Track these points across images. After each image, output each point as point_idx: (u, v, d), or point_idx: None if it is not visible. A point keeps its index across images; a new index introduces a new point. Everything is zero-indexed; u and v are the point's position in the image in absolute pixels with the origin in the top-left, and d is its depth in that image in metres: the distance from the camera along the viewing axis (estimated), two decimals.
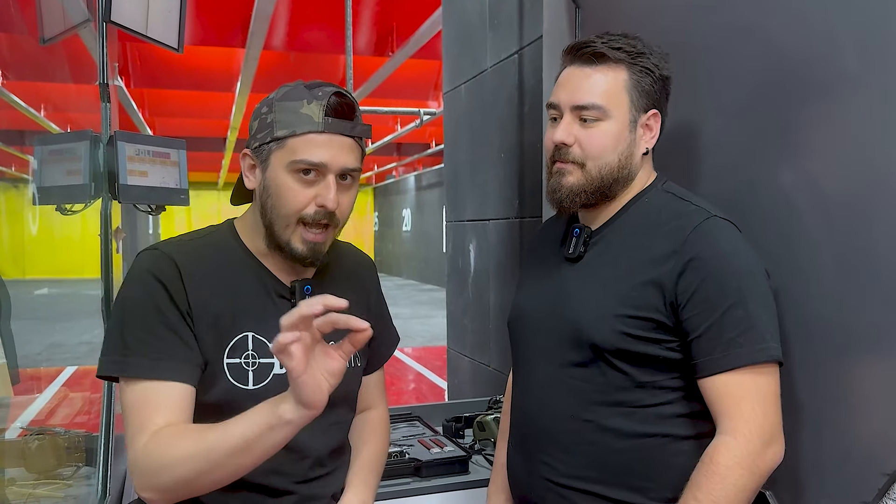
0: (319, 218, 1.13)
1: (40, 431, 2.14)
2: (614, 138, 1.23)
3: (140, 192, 1.85)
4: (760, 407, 1.11)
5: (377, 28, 6.55)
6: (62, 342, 9.40)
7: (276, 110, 1.13)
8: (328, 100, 1.12)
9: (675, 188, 1.29)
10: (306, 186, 1.12)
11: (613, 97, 1.22)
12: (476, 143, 2.97)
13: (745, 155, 1.37)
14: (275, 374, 1.15)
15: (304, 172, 1.12)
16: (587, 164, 1.23)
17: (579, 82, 1.24)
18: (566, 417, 1.24)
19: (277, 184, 1.13)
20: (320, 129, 1.11)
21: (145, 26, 1.93)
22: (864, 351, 1.14)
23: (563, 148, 1.24)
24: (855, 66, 1.14)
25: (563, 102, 1.25)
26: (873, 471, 1.11)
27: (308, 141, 1.11)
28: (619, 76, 1.23)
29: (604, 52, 1.22)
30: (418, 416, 2.19)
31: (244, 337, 1.14)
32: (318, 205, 1.12)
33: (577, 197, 1.25)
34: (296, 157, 1.11)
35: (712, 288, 1.14)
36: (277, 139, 1.12)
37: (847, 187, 1.16)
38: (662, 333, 1.18)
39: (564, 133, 1.24)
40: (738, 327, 1.12)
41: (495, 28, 2.77)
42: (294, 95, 1.13)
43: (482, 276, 2.92)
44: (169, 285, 1.10)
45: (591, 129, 1.23)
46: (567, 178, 1.25)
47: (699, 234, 1.17)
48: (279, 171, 1.12)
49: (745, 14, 1.36)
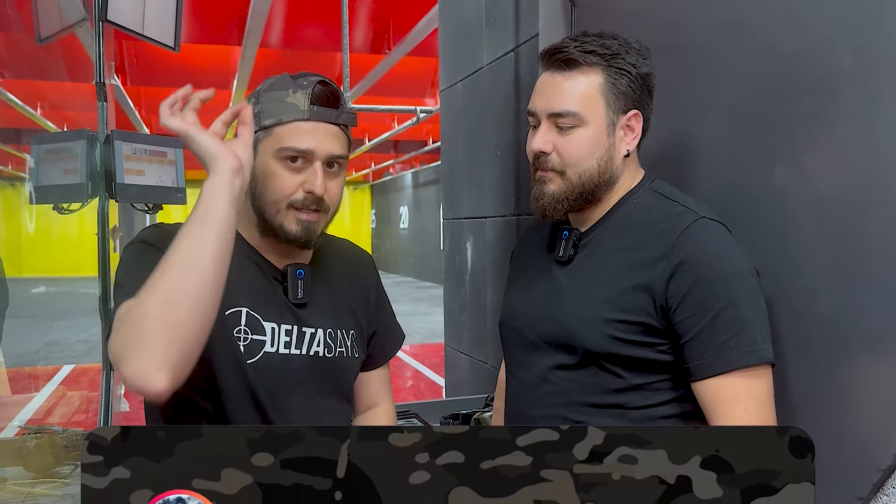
0: (308, 203, 1.15)
1: (38, 430, 2.15)
2: (592, 144, 1.22)
3: (137, 191, 1.85)
4: (754, 409, 1.11)
5: (373, 25, 6.55)
6: (59, 340, 9.39)
7: (263, 100, 1.16)
8: (313, 88, 1.14)
9: (663, 187, 1.28)
10: (294, 173, 1.14)
11: (588, 102, 1.21)
12: (473, 141, 2.97)
13: (740, 153, 1.38)
14: (265, 352, 1.16)
15: (291, 160, 1.14)
16: (567, 171, 1.22)
17: (554, 89, 1.23)
18: (556, 419, 1.23)
19: (266, 171, 1.15)
20: (306, 117, 1.14)
21: (142, 25, 1.93)
22: (858, 349, 1.15)
23: (542, 156, 1.23)
24: (849, 64, 1.15)
25: (539, 110, 1.24)
26: (868, 467, 1.12)
27: (294, 129, 1.14)
28: (594, 80, 1.21)
29: (574, 58, 1.21)
30: (416, 414, 2.19)
31: (238, 311, 1.15)
32: (307, 191, 1.14)
33: (559, 204, 1.24)
34: (283, 145, 1.13)
35: (703, 291, 1.13)
36: (264, 128, 1.15)
37: (841, 185, 1.17)
38: (653, 337, 1.17)
39: (542, 141, 1.23)
40: (730, 330, 1.12)
41: (491, 26, 2.77)
42: (280, 86, 1.16)
43: (479, 274, 2.93)
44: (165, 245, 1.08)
45: (567, 136, 1.21)
46: (548, 186, 1.24)
47: (688, 237, 1.16)
48: (267, 159, 1.15)
49: (740, 11, 1.37)
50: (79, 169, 1.80)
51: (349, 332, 1.28)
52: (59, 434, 2.10)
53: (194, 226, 0.99)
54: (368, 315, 1.35)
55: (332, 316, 1.25)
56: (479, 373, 2.95)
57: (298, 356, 1.20)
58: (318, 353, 1.22)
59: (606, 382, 1.20)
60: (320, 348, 1.22)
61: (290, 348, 1.19)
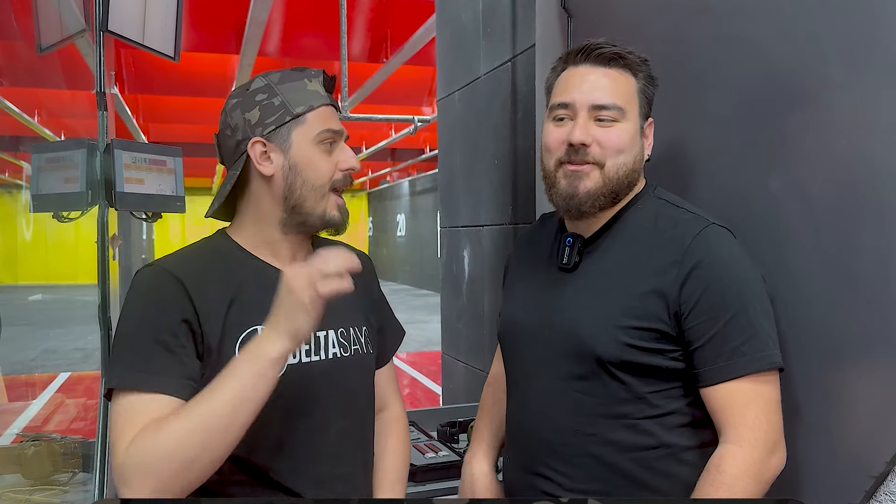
0: (349, 182, 1.21)
1: (36, 437, 2.15)
2: (631, 138, 1.21)
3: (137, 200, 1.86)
4: (764, 415, 1.11)
5: (371, 34, 6.57)
6: (56, 348, 9.37)
7: (283, 92, 1.18)
8: (322, 77, 1.22)
9: (666, 195, 1.28)
10: (328, 155, 1.19)
11: (630, 100, 1.22)
12: (470, 150, 2.99)
13: (734, 163, 1.39)
14: (289, 365, 1.14)
15: (329, 143, 1.19)
16: (607, 163, 1.20)
17: (597, 81, 1.21)
18: (569, 431, 1.21)
19: (307, 158, 1.18)
20: (328, 102, 1.21)
21: (142, 35, 1.94)
22: (853, 355, 1.16)
23: (581, 149, 1.19)
24: (840, 77, 1.16)
25: (578, 102, 1.21)
26: (860, 473, 1.13)
27: (322, 113, 1.19)
28: (632, 81, 1.23)
29: (621, 55, 1.21)
30: (413, 422, 2.19)
31: (253, 330, 1.14)
32: (342, 169, 1.19)
33: (596, 201, 1.21)
34: (323, 128, 1.18)
35: (715, 296, 1.13)
36: (296, 116, 1.17)
37: (834, 195, 1.18)
38: (665, 343, 1.16)
39: (583, 133, 1.19)
40: (742, 336, 1.12)
41: (488, 36, 2.79)
42: (293, 77, 1.20)
43: (476, 282, 2.94)
44: (168, 302, 1.10)
45: (608, 128, 1.20)
46: (585, 183, 1.20)
47: (700, 243, 1.16)
48: (305, 145, 1.17)
49: (734, 24, 1.38)
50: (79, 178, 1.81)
51: (361, 328, 1.28)
52: (57, 441, 2.10)
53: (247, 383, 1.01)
54: (374, 311, 1.35)
55: (340, 315, 1.24)
56: (476, 381, 2.95)
57: (319, 362, 1.20)
58: (336, 354, 1.22)
59: (617, 392, 1.18)
60: (336, 349, 1.22)
61: (310, 356, 1.19)
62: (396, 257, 21.86)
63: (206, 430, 0.99)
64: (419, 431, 2.12)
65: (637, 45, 1.31)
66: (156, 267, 1.14)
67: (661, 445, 1.18)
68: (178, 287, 1.10)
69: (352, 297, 1.30)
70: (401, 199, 21.47)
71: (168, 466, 0.98)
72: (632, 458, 1.18)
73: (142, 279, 1.13)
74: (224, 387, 1.01)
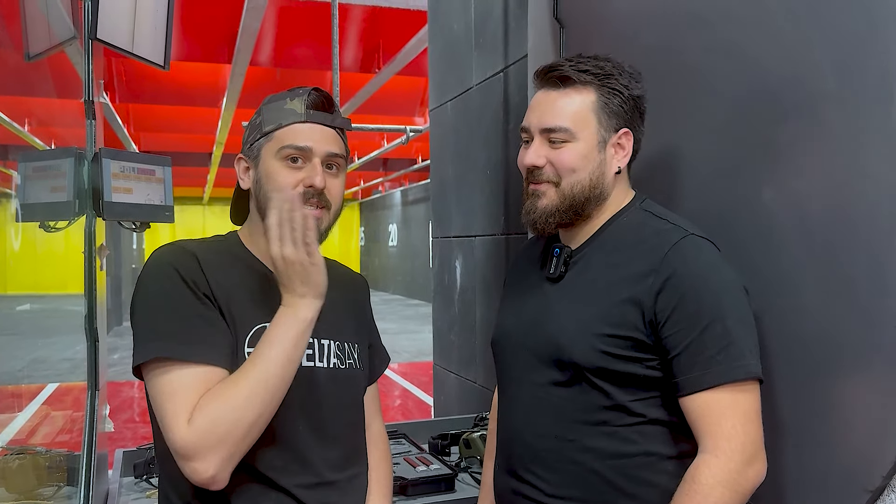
0: (309, 196, 1.19)
1: (21, 451, 2.11)
2: (583, 158, 1.25)
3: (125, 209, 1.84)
4: (741, 425, 1.12)
5: (363, 45, 6.58)
6: (44, 358, 9.29)
7: (264, 112, 1.24)
8: (308, 95, 1.23)
9: (653, 207, 1.30)
10: (295, 171, 1.19)
11: (580, 119, 1.24)
12: (462, 160, 2.98)
13: (728, 173, 1.39)
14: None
15: (291, 160, 1.19)
16: (562, 181, 1.25)
17: (547, 106, 1.26)
18: (550, 437, 1.24)
19: (268, 171, 1.20)
20: (304, 120, 1.21)
21: (131, 44, 1.92)
22: (845, 368, 1.15)
23: (536, 170, 1.27)
24: (833, 87, 1.16)
25: (532, 126, 1.28)
26: (855, 488, 1.12)
27: (293, 130, 1.20)
28: (587, 98, 1.25)
29: (569, 76, 1.25)
30: (404, 434, 2.18)
31: (262, 328, 1.16)
32: (306, 185, 1.19)
33: (550, 217, 1.27)
34: (283, 144, 1.19)
35: (691, 305, 1.14)
36: (266, 133, 1.21)
37: (826, 205, 1.18)
38: (642, 352, 1.18)
39: (534, 156, 1.26)
40: (717, 344, 1.13)
41: (481, 47, 2.79)
42: (278, 97, 1.24)
43: (468, 293, 2.93)
44: (192, 273, 1.14)
45: (559, 149, 1.25)
46: (541, 201, 1.27)
47: (677, 252, 1.18)
48: (269, 160, 1.20)
49: (727, 34, 1.38)
50: (66, 187, 1.78)
51: (353, 344, 1.30)
52: (42, 455, 2.06)
53: (291, 345, 1.09)
54: (367, 332, 1.38)
55: (337, 329, 1.27)
56: (468, 391, 2.94)
57: (322, 369, 1.23)
58: (336, 364, 1.25)
59: (596, 399, 1.20)
60: (335, 360, 1.25)
61: (313, 361, 1.22)
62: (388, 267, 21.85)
63: (265, 391, 1.05)
64: (410, 444, 2.10)
65: (629, 54, 1.31)
66: (176, 245, 1.19)
67: (642, 454, 1.19)
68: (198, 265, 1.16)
69: (349, 314, 1.34)
70: (393, 208, 21.48)
71: (238, 432, 1.04)
72: (612, 466, 1.20)
73: (164, 254, 1.17)
74: (270, 351, 1.07)
